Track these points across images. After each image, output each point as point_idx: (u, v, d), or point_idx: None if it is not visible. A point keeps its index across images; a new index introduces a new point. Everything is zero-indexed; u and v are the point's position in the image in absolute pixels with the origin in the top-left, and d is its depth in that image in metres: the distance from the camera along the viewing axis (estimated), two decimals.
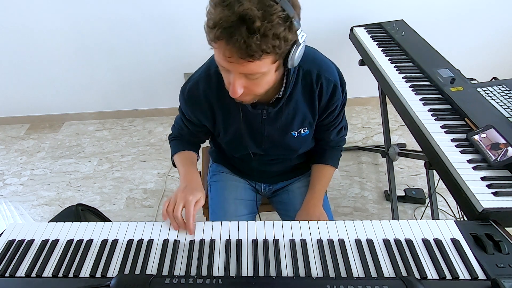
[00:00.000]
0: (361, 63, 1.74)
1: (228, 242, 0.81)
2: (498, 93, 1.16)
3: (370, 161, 2.15)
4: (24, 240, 0.83)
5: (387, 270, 0.73)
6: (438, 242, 0.78)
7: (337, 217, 1.81)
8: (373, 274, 0.72)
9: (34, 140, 2.59)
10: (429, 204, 1.50)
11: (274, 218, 0.97)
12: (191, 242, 0.81)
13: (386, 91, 1.41)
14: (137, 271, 0.75)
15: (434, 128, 1.08)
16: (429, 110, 1.16)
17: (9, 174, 2.29)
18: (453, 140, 1.02)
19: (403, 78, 1.35)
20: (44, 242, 0.82)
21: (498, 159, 0.91)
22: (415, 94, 1.25)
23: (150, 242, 0.81)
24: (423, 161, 1.30)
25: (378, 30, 1.80)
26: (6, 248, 0.81)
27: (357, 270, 0.73)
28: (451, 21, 2.17)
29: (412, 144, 2.16)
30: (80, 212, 1.47)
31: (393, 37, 1.68)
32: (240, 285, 0.69)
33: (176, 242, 0.81)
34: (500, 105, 1.11)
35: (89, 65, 2.42)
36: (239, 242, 0.80)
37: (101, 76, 2.48)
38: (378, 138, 2.31)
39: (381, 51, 1.58)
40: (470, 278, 0.70)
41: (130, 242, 0.82)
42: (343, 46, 2.16)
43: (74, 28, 2.22)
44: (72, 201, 2.04)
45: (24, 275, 0.75)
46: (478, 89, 1.19)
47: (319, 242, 0.79)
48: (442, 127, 1.07)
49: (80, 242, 0.82)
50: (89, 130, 2.64)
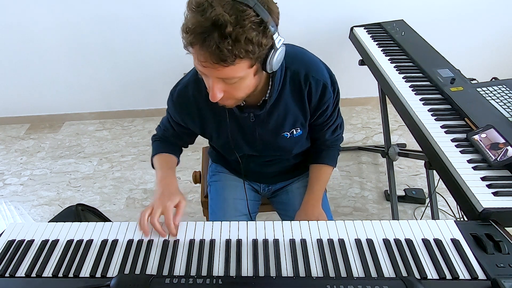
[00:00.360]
0: (361, 63, 1.74)
1: (228, 242, 0.80)
2: (498, 93, 1.16)
3: (370, 161, 2.15)
4: (24, 240, 0.83)
5: (387, 270, 0.73)
6: (438, 242, 0.78)
7: (337, 217, 1.81)
8: (373, 274, 0.72)
9: (34, 140, 2.59)
10: (429, 204, 1.50)
11: (274, 218, 0.97)
12: (191, 242, 0.81)
13: (386, 91, 1.41)
14: (137, 271, 0.75)
15: (434, 128, 1.08)
16: (429, 110, 1.16)
17: (9, 174, 2.29)
18: (453, 140, 1.02)
19: (403, 78, 1.35)
20: (44, 242, 0.82)
21: (498, 159, 0.91)
22: (415, 94, 1.25)
23: (150, 242, 0.81)
24: (423, 161, 1.30)
25: (378, 30, 1.80)
26: (6, 248, 0.81)
27: (357, 270, 0.73)
28: (451, 21, 2.17)
29: (412, 144, 2.16)
30: (80, 212, 1.47)
31: (393, 37, 1.68)
32: (240, 285, 0.69)
33: (176, 242, 0.81)
34: (500, 105, 1.11)
35: (89, 65, 2.41)
36: (239, 242, 0.80)
37: (101, 76, 2.48)
38: (378, 138, 2.31)
39: (381, 51, 1.58)
40: (470, 278, 0.70)
41: (130, 242, 0.82)
42: (343, 46, 2.16)
43: (74, 28, 2.22)
44: (72, 201, 2.04)
45: (24, 275, 0.75)
46: (478, 89, 1.19)
47: (319, 242, 0.79)
48: (442, 127, 1.07)
49: (80, 242, 0.82)
50: (89, 130, 2.64)
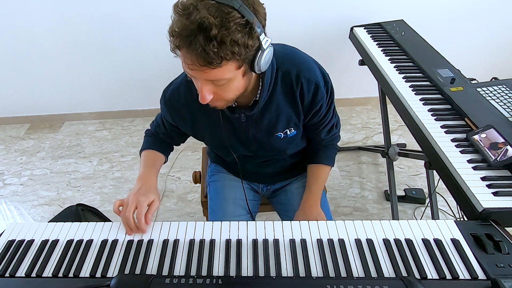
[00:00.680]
0: (361, 63, 1.74)
1: (228, 242, 0.80)
2: (498, 93, 1.16)
3: (370, 161, 2.15)
4: (24, 240, 0.83)
5: (387, 270, 0.73)
6: (438, 242, 0.78)
7: (337, 217, 1.81)
8: (373, 274, 0.72)
9: (34, 140, 2.59)
10: (429, 204, 1.50)
11: (274, 218, 0.97)
12: (191, 242, 0.81)
13: (386, 91, 1.41)
14: (137, 271, 0.75)
15: (434, 128, 1.08)
16: (429, 110, 1.16)
17: (9, 174, 2.29)
18: (453, 140, 1.02)
19: (403, 78, 1.35)
20: (44, 242, 0.82)
21: (498, 159, 0.91)
22: (415, 94, 1.25)
23: (150, 242, 0.81)
24: (423, 161, 1.30)
25: (378, 30, 1.80)
26: (6, 248, 0.81)
27: (357, 270, 0.73)
28: (451, 21, 2.18)
29: (412, 144, 2.16)
30: (80, 212, 1.47)
31: (393, 37, 1.68)
32: (240, 285, 0.69)
33: (176, 242, 0.81)
34: (500, 105, 1.11)
35: (89, 65, 2.42)
36: (239, 242, 0.80)
37: (101, 76, 2.48)
38: (378, 138, 2.31)
39: (381, 51, 1.58)
40: (470, 278, 0.70)
41: (130, 242, 0.82)
42: (343, 46, 2.17)
43: (75, 28, 2.22)
44: (72, 201, 2.04)
45: (24, 275, 0.75)
46: (478, 89, 1.19)
47: (319, 242, 0.79)
48: (442, 127, 1.07)
49: (80, 242, 0.82)
50: (89, 130, 2.64)
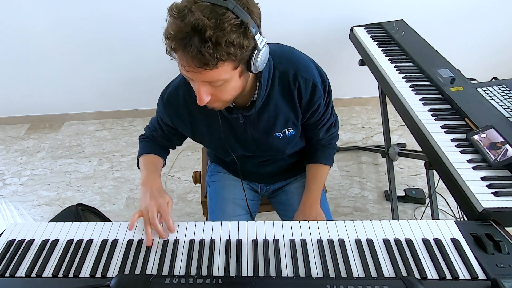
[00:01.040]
0: (361, 63, 1.74)
1: (228, 242, 0.81)
2: (498, 93, 1.16)
3: (370, 161, 2.15)
4: (24, 240, 0.83)
5: (387, 270, 0.73)
6: (438, 242, 0.78)
7: (337, 217, 1.81)
8: (373, 274, 0.72)
9: (34, 140, 2.59)
10: (429, 204, 1.50)
11: (274, 218, 0.97)
12: (191, 242, 0.81)
13: (386, 91, 1.41)
14: (137, 271, 0.75)
15: (434, 128, 1.08)
16: (429, 110, 1.16)
17: (9, 174, 2.29)
18: (453, 140, 1.02)
19: (403, 78, 1.35)
20: (44, 242, 0.83)
21: (498, 159, 0.91)
22: (415, 94, 1.25)
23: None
24: (423, 161, 1.30)
25: (378, 30, 1.80)
26: (6, 248, 0.81)
27: (357, 270, 0.73)
28: (451, 21, 2.17)
29: (412, 144, 2.16)
30: (80, 212, 1.47)
31: (393, 37, 1.68)
32: (240, 285, 0.69)
33: (176, 242, 0.81)
34: (500, 105, 1.11)
35: (89, 65, 2.41)
36: (239, 242, 0.80)
37: (101, 76, 2.48)
38: (378, 138, 2.31)
39: (381, 51, 1.58)
40: (470, 278, 0.70)
41: (130, 242, 0.82)
42: (343, 46, 2.16)
43: (75, 28, 2.22)
44: (72, 201, 2.04)
45: (24, 275, 0.75)
46: (478, 89, 1.19)
47: (319, 242, 0.79)
48: (442, 127, 1.07)
49: (80, 242, 0.82)
50: (89, 130, 2.64)
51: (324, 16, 2.16)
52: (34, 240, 0.83)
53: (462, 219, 1.17)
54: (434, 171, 1.32)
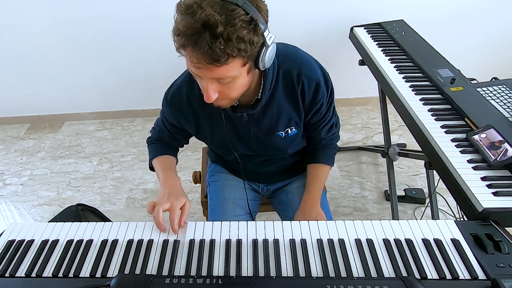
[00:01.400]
0: (361, 63, 1.74)
1: (228, 242, 0.81)
2: (498, 93, 1.16)
3: (370, 161, 2.15)
4: (24, 240, 0.83)
5: (387, 270, 0.73)
6: (438, 242, 0.78)
7: (337, 217, 1.81)
8: (373, 274, 0.72)
9: (34, 140, 2.59)
10: (429, 204, 1.50)
11: (274, 218, 0.97)
12: (191, 242, 0.81)
13: (386, 91, 1.41)
14: (137, 271, 0.75)
15: (434, 128, 1.08)
16: (429, 110, 1.16)
17: (9, 174, 2.29)
18: (453, 140, 1.02)
19: (403, 78, 1.35)
20: (44, 242, 0.82)
21: (498, 159, 0.91)
22: (415, 94, 1.25)
23: (150, 242, 0.82)
24: (423, 161, 1.30)
25: (378, 30, 1.80)
26: (6, 248, 0.81)
27: (357, 270, 0.73)
28: (451, 21, 2.17)
29: (412, 144, 2.16)
30: (80, 212, 1.47)
31: (393, 37, 1.68)
32: (240, 285, 0.69)
33: (176, 242, 0.81)
34: (500, 105, 1.11)
35: (89, 65, 2.41)
36: (239, 242, 0.80)
37: (101, 76, 2.48)
38: (378, 138, 2.31)
39: (381, 51, 1.58)
40: (470, 278, 0.70)
41: (130, 242, 0.82)
42: (343, 46, 2.17)
43: (74, 28, 2.22)
44: (72, 201, 2.04)
45: (24, 275, 0.75)
46: (478, 89, 1.19)
47: (319, 242, 0.79)
48: (442, 127, 1.07)
49: (80, 242, 0.82)
50: (89, 130, 2.64)
51: (324, 16, 2.16)
52: (34, 240, 0.83)
53: (462, 219, 1.17)
54: (434, 171, 1.32)
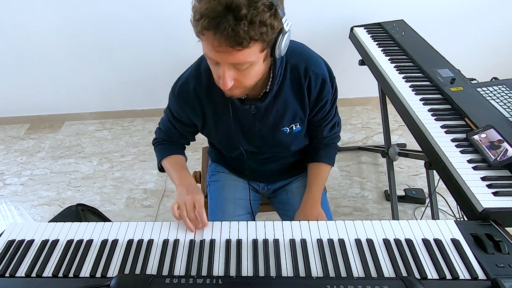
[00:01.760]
0: (361, 63, 1.74)
1: (228, 242, 0.81)
2: (498, 93, 1.16)
3: (370, 161, 2.15)
4: (24, 240, 0.83)
5: (387, 270, 0.73)
6: (438, 242, 0.78)
7: (337, 217, 1.81)
8: (373, 274, 0.72)
9: (34, 140, 2.59)
10: (429, 204, 1.50)
11: (274, 218, 0.97)
12: (191, 242, 0.81)
13: (386, 91, 1.41)
14: (137, 271, 0.75)
15: (434, 128, 1.08)
16: (429, 110, 1.16)
17: (9, 174, 2.29)
18: (453, 140, 1.02)
19: (403, 78, 1.35)
20: (44, 242, 0.83)
21: (498, 159, 0.91)
22: (415, 94, 1.25)
23: (150, 242, 0.82)
24: (423, 161, 1.30)
25: (378, 30, 1.80)
26: (6, 248, 0.81)
27: (357, 270, 0.73)
28: (451, 21, 2.17)
29: (412, 144, 2.16)
30: (80, 212, 1.47)
31: (393, 37, 1.68)
32: (240, 285, 0.69)
33: (176, 242, 0.81)
34: (500, 105, 1.11)
35: (89, 65, 2.41)
36: (239, 242, 0.80)
37: (101, 76, 2.48)
38: (378, 138, 2.31)
39: (381, 51, 1.58)
40: (470, 278, 0.70)
41: (130, 242, 0.82)
42: (343, 46, 2.16)
43: (75, 28, 2.22)
44: (72, 201, 2.04)
45: (24, 275, 0.75)
46: (478, 89, 1.19)
47: (319, 242, 0.79)
48: (442, 127, 1.07)
49: (80, 242, 0.82)
50: (89, 130, 2.64)
51: (324, 16, 2.16)
52: (34, 240, 0.83)
53: (462, 219, 1.17)
54: (434, 171, 1.32)
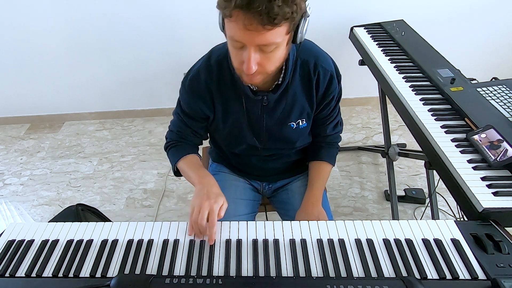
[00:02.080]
0: (361, 63, 1.74)
1: (228, 242, 0.81)
2: (498, 93, 1.16)
3: (370, 161, 2.15)
4: (24, 240, 0.83)
5: (387, 270, 0.73)
6: (438, 242, 0.78)
7: (337, 217, 1.81)
8: (373, 274, 0.72)
9: (34, 140, 2.59)
10: (429, 204, 1.50)
11: (274, 218, 0.97)
12: (191, 242, 0.81)
13: (386, 91, 1.41)
14: (137, 271, 0.75)
15: (434, 128, 1.08)
16: (429, 110, 1.16)
17: (9, 174, 2.29)
18: (453, 140, 1.02)
19: (403, 78, 1.35)
20: (44, 242, 0.82)
21: (498, 159, 0.91)
22: (415, 94, 1.25)
23: (150, 242, 0.81)
24: (423, 161, 1.30)
25: (378, 30, 1.80)
26: (6, 248, 0.81)
27: (357, 270, 0.73)
28: (451, 21, 2.17)
29: (412, 144, 2.16)
30: (80, 212, 1.47)
31: (393, 37, 1.68)
32: (240, 285, 0.69)
33: (176, 242, 0.81)
34: (500, 105, 1.11)
35: (89, 65, 2.42)
36: (239, 242, 0.80)
37: (101, 76, 2.48)
38: (378, 138, 2.31)
39: (381, 51, 1.58)
40: (470, 278, 0.70)
41: (130, 242, 0.82)
42: (343, 46, 2.16)
43: (74, 28, 2.22)
44: (72, 201, 2.04)
45: (24, 275, 0.75)
46: (478, 89, 1.19)
47: (319, 242, 0.79)
48: (442, 127, 1.07)
49: (80, 242, 0.82)
50: (89, 130, 2.64)
51: (324, 16, 2.16)
52: (34, 240, 0.83)
53: (462, 219, 1.17)
54: (434, 171, 1.32)
